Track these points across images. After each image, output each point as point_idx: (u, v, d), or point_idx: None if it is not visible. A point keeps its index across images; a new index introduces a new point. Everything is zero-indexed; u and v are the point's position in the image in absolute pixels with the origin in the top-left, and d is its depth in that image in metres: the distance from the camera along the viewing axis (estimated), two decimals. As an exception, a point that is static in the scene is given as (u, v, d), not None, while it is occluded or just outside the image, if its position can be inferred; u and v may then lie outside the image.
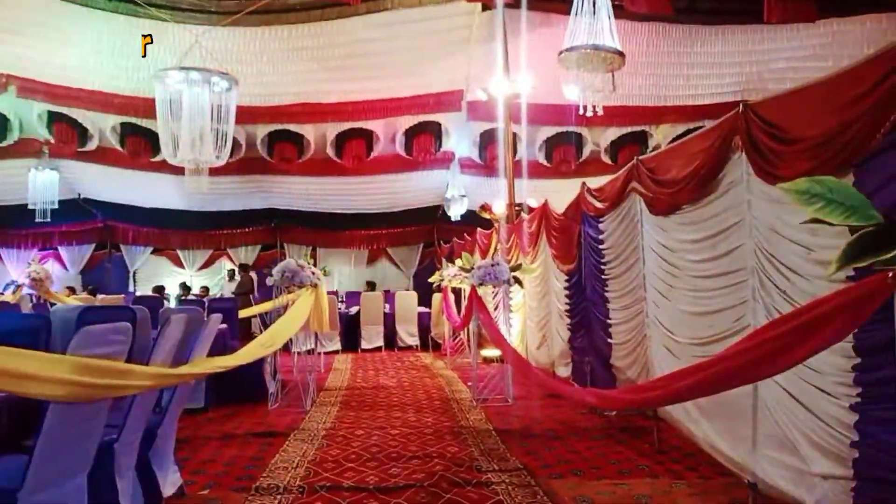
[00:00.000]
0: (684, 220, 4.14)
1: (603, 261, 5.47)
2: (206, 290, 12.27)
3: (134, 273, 16.52)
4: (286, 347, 7.06)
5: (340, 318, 11.23)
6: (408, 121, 12.20)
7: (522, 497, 3.56)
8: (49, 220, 12.64)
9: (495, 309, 9.36)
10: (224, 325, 7.36)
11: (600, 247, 5.50)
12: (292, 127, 12.12)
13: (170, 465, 3.45)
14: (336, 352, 10.78)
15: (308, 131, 12.25)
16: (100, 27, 9.70)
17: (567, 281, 6.55)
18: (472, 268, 6.69)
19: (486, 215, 10.23)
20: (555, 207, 6.93)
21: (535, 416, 5.76)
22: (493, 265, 6.46)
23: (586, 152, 12.65)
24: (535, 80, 9.49)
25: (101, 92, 11.31)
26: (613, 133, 12.44)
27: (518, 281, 6.70)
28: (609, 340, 5.40)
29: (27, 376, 2.05)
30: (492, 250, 10.05)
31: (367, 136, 12.36)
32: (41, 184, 12.36)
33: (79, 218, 15.47)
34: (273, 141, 12.36)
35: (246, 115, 11.60)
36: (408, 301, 11.64)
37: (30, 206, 12.41)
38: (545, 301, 7.47)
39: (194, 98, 8.44)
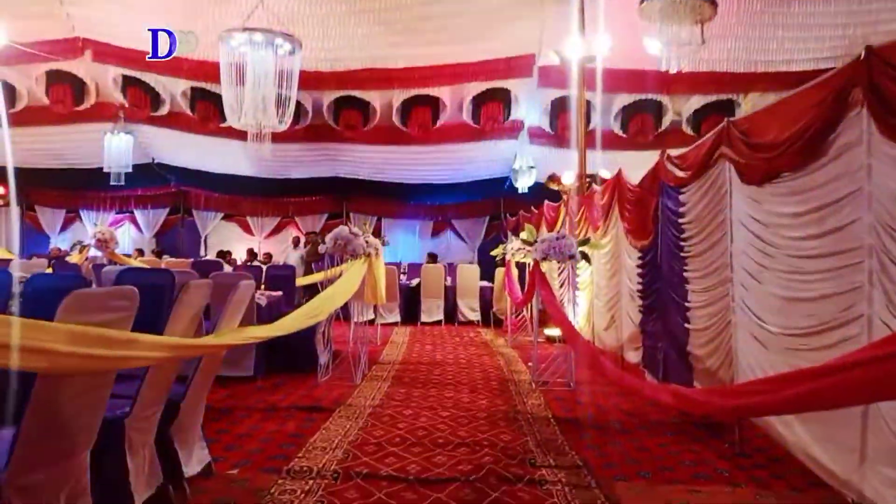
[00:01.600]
0: (783, 190, 3.55)
1: (683, 237, 4.90)
2: (268, 256, 12.25)
3: (205, 238, 16.81)
4: (344, 316, 6.83)
5: (401, 290, 10.99)
6: (476, 87, 11.70)
7: (580, 501, 3.14)
8: (123, 183, 12.87)
9: (561, 286, 8.87)
10: (279, 293, 7.22)
11: (680, 221, 4.92)
12: (358, 93, 11.83)
13: (196, 440, 3.21)
14: (395, 324, 10.55)
15: (374, 98, 11.93)
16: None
17: (640, 259, 5.99)
18: (536, 241, 6.23)
19: (554, 186, 9.69)
20: (630, 179, 6.36)
21: (600, 403, 5.29)
22: (557, 239, 5.97)
23: (666, 122, 11.77)
24: (612, 43, 8.81)
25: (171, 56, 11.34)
26: (697, 102, 11.51)
27: (585, 257, 6.19)
28: (686, 326, 4.85)
29: None
30: (559, 224, 9.53)
31: (434, 104, 11.94)
32: (116, 148, 12.57)
33: (154, 182, 15.82)
34: (339, 108, 12.12)
35: (312, 80, 11.40)
36: (470, 274, 11.26)
37: (104, 170, 12.65)
38: (615, 280, 6.93)
39: (258, 61, 8.28)
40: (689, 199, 4.81)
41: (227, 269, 8.50)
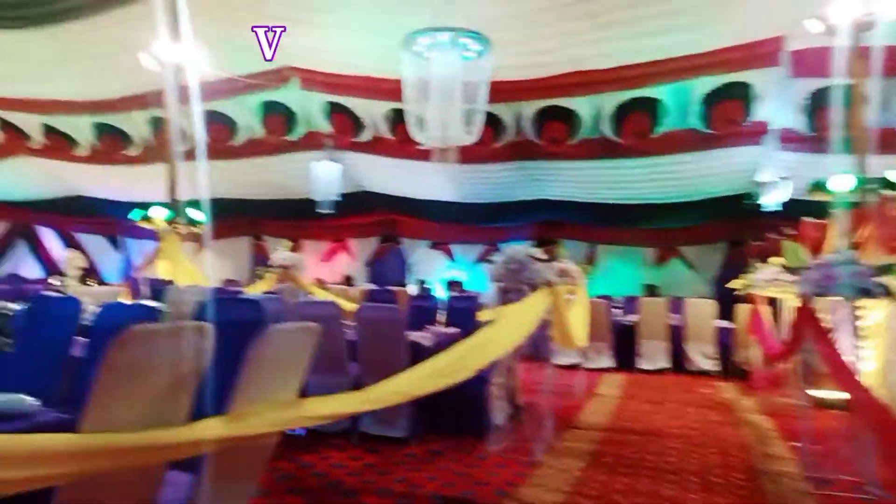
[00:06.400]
0: None
1: None
2: (458, 284, 11.16)
3: (410, 266, 16.48)
4: (536, 357, 5.36)
5: (614, 328, 9.21)
6: (705, 84, 9.66)
7: None
8: (332, 212, 12.82)
9: (829, 332, 6.48)
10: (456, 330, 6.01)
11: None
12: (562, 102, 10.43)
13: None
14: (606, 369, 8.76)
15: (580, 105, 10.44)
16: (367, 3, 9.12)
17: None
18: (804, 268, 4.23)
19: (817, 197, 7.33)
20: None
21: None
22: (844, 262, 3.93)
23: (984, 110, 8.61)
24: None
25: (370, 77, 10.98)
26: None
27: (889, 292, 4.03)
28: None
29: None
30: (827, 246, 7.10)
31: (652, 107, 10.10)
32: (325, 176, 12.59)
33: (365, 211, 15.85)
34: (542, 119, 10.82)
35: (510, 90, 10.28)
36: (702, 311, 9.08)
37: (313, 198, 12.70)
38: (934, 326, 4.57)
39: (444, 66, 7.41)
40: None
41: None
